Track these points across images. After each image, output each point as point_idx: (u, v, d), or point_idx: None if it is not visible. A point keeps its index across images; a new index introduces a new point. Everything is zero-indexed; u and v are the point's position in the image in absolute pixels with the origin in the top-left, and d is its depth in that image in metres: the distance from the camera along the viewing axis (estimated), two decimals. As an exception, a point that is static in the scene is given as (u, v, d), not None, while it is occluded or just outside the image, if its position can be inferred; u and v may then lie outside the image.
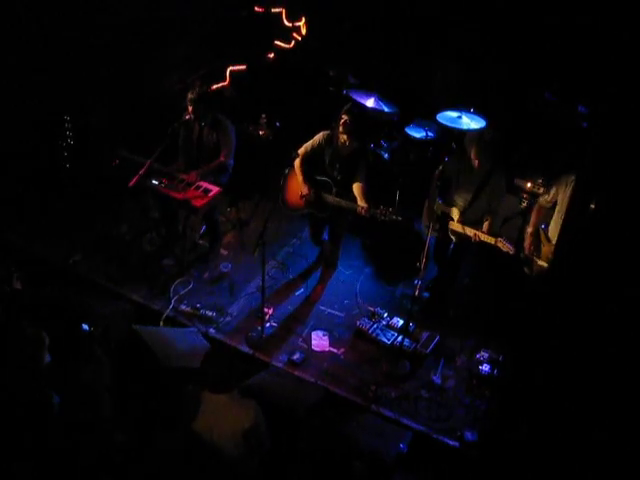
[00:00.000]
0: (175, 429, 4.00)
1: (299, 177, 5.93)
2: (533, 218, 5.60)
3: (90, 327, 4.41)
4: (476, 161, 5.44)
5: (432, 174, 5.76)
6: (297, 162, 5.91)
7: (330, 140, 5.87)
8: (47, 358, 3.74)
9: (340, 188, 5.84)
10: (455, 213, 5.64)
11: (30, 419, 3.53)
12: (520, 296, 5.20)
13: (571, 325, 3.64)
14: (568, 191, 5.20)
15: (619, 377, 3.62)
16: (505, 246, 5.30)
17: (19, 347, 3.69)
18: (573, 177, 5.26)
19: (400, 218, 5.57)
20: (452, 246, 5.88)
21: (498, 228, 6.52)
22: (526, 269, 5.60)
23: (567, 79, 6.23)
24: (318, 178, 5.92)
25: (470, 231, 5.51)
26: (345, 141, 5.73)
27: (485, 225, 5.54)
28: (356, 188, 5.77)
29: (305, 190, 5.90)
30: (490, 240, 5.39)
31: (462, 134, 6.15)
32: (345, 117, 5.69)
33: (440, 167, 5.66)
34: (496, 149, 5.44)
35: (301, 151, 5.89)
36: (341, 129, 5.71)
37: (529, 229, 5.59)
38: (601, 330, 3.57)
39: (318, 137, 5.91)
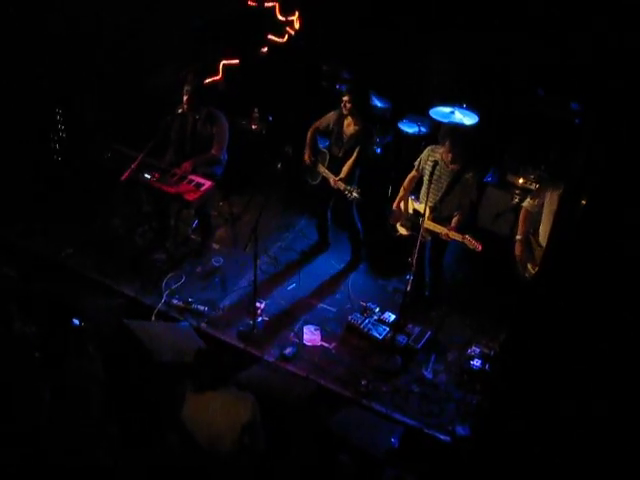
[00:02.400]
0: (169, 425, 3.99)
1: (307, 143, 6.21)
2: (521, 225, 5.48)
3: (81, 322, 4.39)
4: (450, 154, 5.33)
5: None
6: (310, 131, 6.16)
7: (338, 120, 5.98)
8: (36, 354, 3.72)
9: (336, 164, 5.98)
10: (425, 211, 5.53)
11: (21, 416, 3.52)
12: (513, 291, 5.21)
13: (564, 319, 3.65)
14: (556, 194, 5.13)
15: (612, 372, 3.63)
16: (472, 243, 5.24)
17: (8, 344, 3.67)
18: (558, 182, 5.24)
19: (357, 196, 5.73)
20: (430, 244, 5.77)
21: (489, 224, 6.55)
22: (521, 271, 5.52)
23: (559, 76, 6.22)
24: (321, 149, 6.17)
25: (440, 229, 5.44)
26: (349, 123, 5.87)
27: (454, 221, 5.46)
28: (345, 165, 5.91)
29: (306, 156, 6.19)
30: (457, 237, 5.33)
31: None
32: (346, 98, 5.77)
33: (417, 161, 5.66)
34: (469, 143, 5.41)
35: (315, 124, 6.16)
36: (344, 111, 5.82)
37: (518, 237, 5.47)
38: (594, 325, 3.58)
39: (329, 115, 6.07)
